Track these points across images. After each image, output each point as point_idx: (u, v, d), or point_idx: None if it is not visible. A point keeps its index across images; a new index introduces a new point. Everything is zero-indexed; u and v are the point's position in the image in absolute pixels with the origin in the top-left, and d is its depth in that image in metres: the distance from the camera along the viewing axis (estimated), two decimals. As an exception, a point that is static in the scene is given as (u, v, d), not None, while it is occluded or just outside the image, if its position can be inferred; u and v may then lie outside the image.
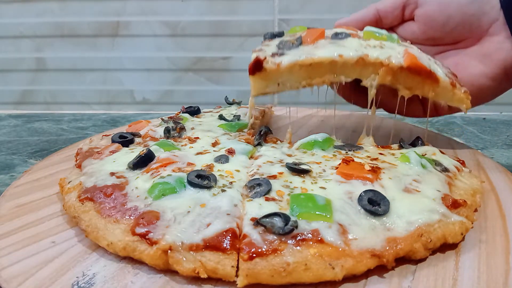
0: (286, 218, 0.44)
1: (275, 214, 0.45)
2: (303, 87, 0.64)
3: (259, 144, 0.65)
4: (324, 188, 0.51)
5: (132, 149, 0.64)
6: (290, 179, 0.53)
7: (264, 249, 0.42)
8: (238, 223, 0.46)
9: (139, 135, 0.71)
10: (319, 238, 0.43)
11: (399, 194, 0.50)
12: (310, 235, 0.43)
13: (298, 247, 0.42)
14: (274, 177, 0.54)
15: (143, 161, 0.57)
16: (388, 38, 0.65)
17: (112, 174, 0.56)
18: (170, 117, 0.78)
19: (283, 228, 0.43)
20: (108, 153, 0.63)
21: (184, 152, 0.62)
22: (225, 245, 0.43)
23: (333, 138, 0.65)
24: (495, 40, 0.66)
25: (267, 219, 0.44)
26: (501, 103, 1.19)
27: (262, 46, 0.66)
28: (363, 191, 0.49)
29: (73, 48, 1.24)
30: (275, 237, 0.43)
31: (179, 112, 0.83)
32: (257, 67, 0.62)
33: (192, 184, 0.51)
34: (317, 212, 0.45)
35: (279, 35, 0.69)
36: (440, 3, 0.67)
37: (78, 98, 1.28)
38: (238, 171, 0.56)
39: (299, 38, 0.64)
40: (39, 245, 0.49)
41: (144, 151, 0.58)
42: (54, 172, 0.67)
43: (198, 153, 0.61)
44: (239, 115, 0.79)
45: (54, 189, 0.61)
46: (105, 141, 0.70)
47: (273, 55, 0.62)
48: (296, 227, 0.44)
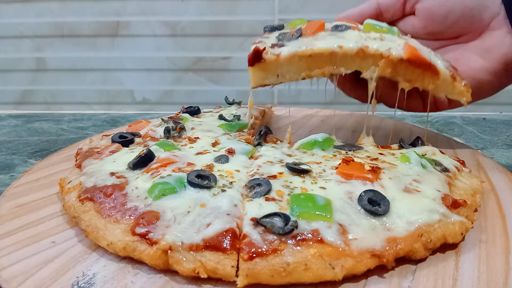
0: (286, 218, 0.44)
1: (275, 214, 0.45)
2: (302, 79, 0.63)
3: (259, 144, 0.65)
4: (324, 188, 0.51)
5: (132, 149, 0.64)
6: (290, 179, 0.53)
7: (264, 249, 0.42)
8: (238, 223, 0.46)
9: (139, 135, 0.71)
10: (319, 238, 0.43)
11: (399, 194, 0.50)
12: (310, 235, 0.43)
13: (298, 247, 0.42)
14: (274, 177, 0.54)
15: (143, 161, 0.57)
16: (388, 31, 0.64)
17: (112, 174, 0.56)
18: (170, 117, 0.78)
19: (283, 228, 0.43)
20: (108, 153, 0.63)
21: (184, 152, 0.62)
22: (225, 245, 0.43)
23: (333, 138, 0.65)
24: (496, 34, 0.66)
25: (267, 219, 0.44)
26: (501, 103, 1.20)
27: (261, 38, 0.65)
28: (363, 191, 0.49)
29: (73, 48, 1.24)
30: (275, 237, 0.43)
31: (179, 112, 0.83)
32: (256, 57, 0.61)
33: (192, 184, 0.51)
34: (317, 212, 0.45)
35: (279, 28, 0.68)
36: None
37: (78, 98, 1.28)
38: (238, 171, 0.56)
39: (299, 30, 0.64)
40: (39, 245, 0.49)
41: (144, 151, 0.58)
42: (54, 172, 0.67)
43: (198, 153, 0.61)
44: (239, 115, 0.79)
45: (54, 189, 0.61)
46: (105, 141, 0.70)
47: (272, 46, 0.62)
48: (296, 227, 0.44)
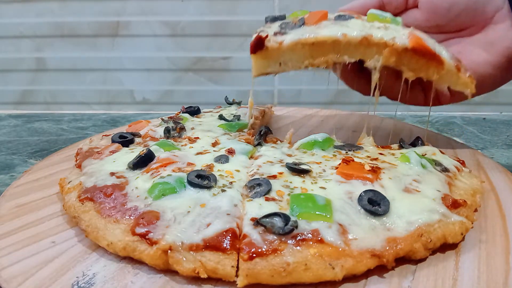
0: (286, 218, 0.44)
1: (275, 214, 0.45)
2: (305, 67, 0.62)
3: (259, 144, 0.65)
4: (324, 188, 0.51)
5: (132, 149, 0.64)
6: (290, 179, 0.53)
7: (264, 249, 0.42)
8: (238, 223, 0.46)
9: (139, 135, 0.71)
10: (319, 238, 0.43)
11: (399, 194, 0.50)
12: (310, 235, 0.43)
13: (298, 247, 0.42)
14: (274, 177, 0.54)
15: (143, 161, 0.57)
16: (392, 21, 0.63)
17: (112, 174, 0.56)
18: (170, 117, 0.78)
19: (283, 228, 0.43)
20: (108, 153, 0.63)
21: (184, 152, 0.62)
22: (225, 245, 0.43)
23: (333, 138, 0.65)
24: (500, 28, 0.65)
25: (267, 219, 0.44)
26: (501, 103, 1.20)
27: (264, 28, 0.65)
28: (363, 191, 0.49)
29: (73, 48, 1.24)
30: (275, 237, 0.43)
31: (179, 112, 0.83)
32: (258, 45, 0.60)
33: (192, 184, 0.51)
34: (317, 212, 0.45)
35: (281, 18, 0.67)
36: None
37: (78, 98, 1.28)
38: (238, 171, 0.56)
39: (301, 19, 0.63)
40: (39, 245, 0.49)
41: (144, 151, 0.59)
42: (54, 172, 0.67)
43: (198, 153, 0.61)
44: (239, 115, 0.79)
45: (54, 189, 0.61)
46: (105, 141, 0.70)
47: (275, 34, 0.61)
48: (296, 227, 0.44)
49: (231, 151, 0.61)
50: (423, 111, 1.17)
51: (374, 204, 0.47)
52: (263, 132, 0.67)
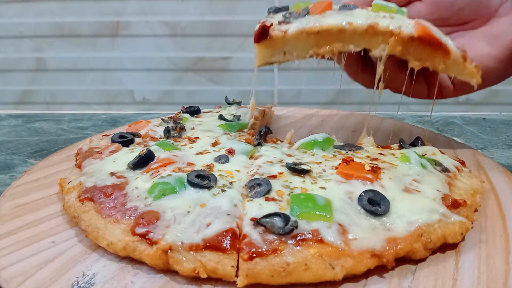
0: (286, 218, 0.44)
1: (275, 214, 0.45)
2: (310, 57, 0.61)
3: (259, 144, 0.65)
4: (324, 188, 0.51)
5: (132, 149, 0.64)
6: (290, 179, 0.53)
7: (264, 249, 0.42)
8: (238, 223, 0.46)
9: (139, 135, 0.71)
10: (319, 238, 0.43)
11: (399, 194, 0.50)
12: (310, 235, 0.43)
13: (298, 247, 0.42)
14: (274, 177, 0.54)
15: (143, 161, 0.57)
16: (397, 11, 0.63)
17: (112, 174, 0.56)
18: (170, 117, 0.78)
19: (283, 228, 0.43)
20: (108, 153, 0.63)
21: (184, 152, 0.62)
22: (225, 245, 0.43)
23: (333, 138, 0.65)
24: (504, 21, 0.65)
25: (267, 219, 0.44)
26: (501, 103, 1.20)
27: (267, 19, 0.64)
28: (363, 191, 0.49)
29: (73, 48, 1.24)
30: (275, 237, 0.43)
31: (179, 112, 0.83)
32: (262, 34, 0.59)
33: (192, 184, 0.51)
34: (317, 212, 0.45)
35: (284, 9, 0.66)
36: None
37: (78, 98, 1.28)
38: (238, 171, 0.56)
39: (306, 9, 0.62)
40: (39, 245, 0.49)
41: (144, 151, 0.59)
42: (54, 172, 0.67)
43: (198, 153, 0.61)
44: (239, 115, 0.79)
45: (54, 189, 0.61)
46: (105, 141, 0.70)
47: (279, 23, 0.60)
48: (296, 227, 0.44)
49: (231, 151, 0.61)
50: (423, 111, 1.17)
51: (374, 204, 0.47)
52: (263, 132, 0.67)
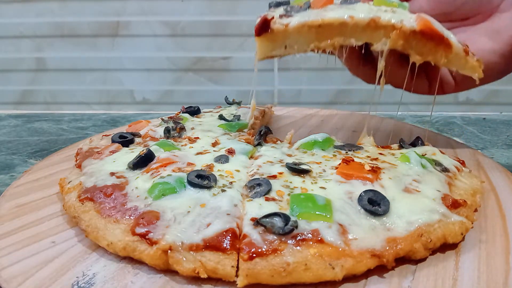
0: (286, 218, 0.44)
1: (275, 214, 0.45)
2: (311, 51, 0.61)
3: (259, 144, 0.65)
4: (324, 188, 0.51)
5: (132, 149, 0.64)
6: (290, 179, 0.53)
7: (264, 249, 0.42)
8: (238, 223, 0.46)
9: (139, 135, 0.71)
10: (319, 238, 0.43)
11: (399, 194, 0.50)
12: (310, 235, 0.43)
13: (298, 247, 0.42)
14: (274, 177, 0.54)
15: (143, 161, 0.57)
16: (399, 6, 0.62)
17: (112, 174, 0.56)
18: (170, 117, 0.78)
19: (283, 228, 0.43)
20: (108, 153, 0.63)
21: (184, 152, 0.62)
22: (225, 245, 0.43)
23: (333, 138, 0.65)
24: (506, 17, 0.65)
25: (267, 219, 0.44)
26: (501, 103, 1.20)
27: (268, 12, 0.64)
28: (363, 191, 0.49)
29: (73, 48, 1.24)
30: (275, 237, 0.43)
31: (179, 112, 0.83)
32: (263, 27, 0.59)
33: (192, 184, 0.51)
34: (317, 212, 0.45)
35: (285, 3, 0.66)
36: None
37: (78, 98, 1.28)
38: (238, 171, 0.56)
39: (307, 2, 0.62)
40: (39, 245, 0.49)
41: (144, 151, 0.58)
42: (54, 172, 0.67)
43: (198, 153, 0.61)
44: (239, 115, 0.79)
45: (54, 189, 0.61)
46: (105, 141, 0.70)
47: (280, 16, 0.60)
48: (296, 227, 0.44)
49: (231, 151, 0.61)
50: (423, 111, 1.17)
51: (374, 204, 0.47)
52: (263, 132, 0.67)
